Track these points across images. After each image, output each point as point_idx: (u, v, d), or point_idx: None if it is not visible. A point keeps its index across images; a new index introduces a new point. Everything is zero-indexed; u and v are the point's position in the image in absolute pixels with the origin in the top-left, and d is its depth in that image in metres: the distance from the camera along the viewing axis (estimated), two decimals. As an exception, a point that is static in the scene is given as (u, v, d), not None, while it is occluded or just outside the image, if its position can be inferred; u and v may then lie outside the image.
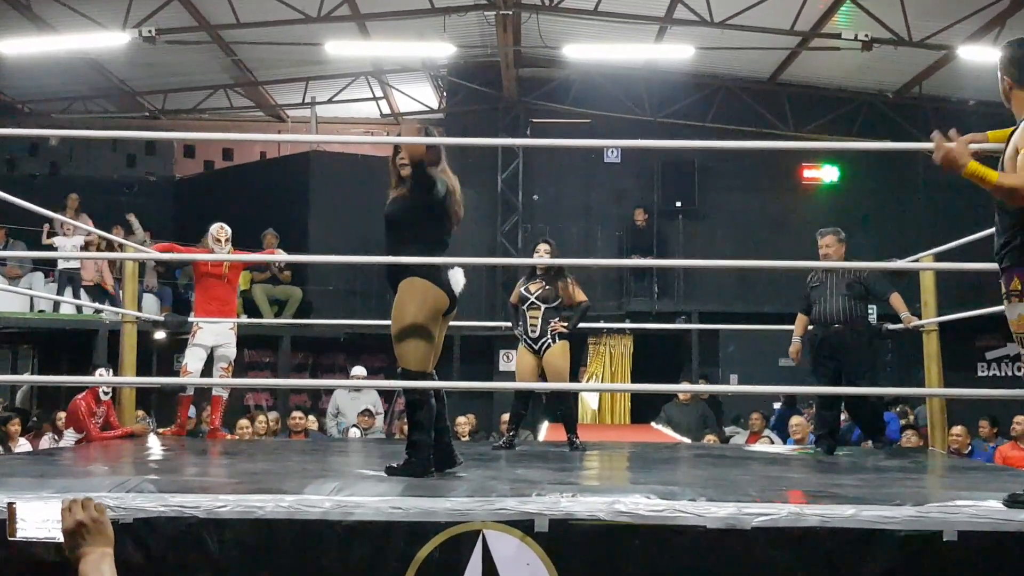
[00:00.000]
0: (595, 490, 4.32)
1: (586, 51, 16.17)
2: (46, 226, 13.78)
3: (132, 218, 14.34)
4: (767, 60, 16.49)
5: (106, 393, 8.66)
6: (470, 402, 13.80)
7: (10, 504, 2.90)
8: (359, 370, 12.94)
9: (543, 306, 7.38)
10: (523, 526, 3.74)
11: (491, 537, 3.73)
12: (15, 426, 10.68)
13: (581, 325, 7.83)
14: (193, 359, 8.35)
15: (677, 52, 15.81)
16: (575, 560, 3.74)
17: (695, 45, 15.27)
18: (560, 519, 3.77)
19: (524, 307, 7.43)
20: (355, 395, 12.09)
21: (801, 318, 7.60)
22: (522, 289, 7.48)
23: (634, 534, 3.74)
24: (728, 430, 12.53)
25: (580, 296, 7.54)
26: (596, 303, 15.66)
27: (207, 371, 8.54)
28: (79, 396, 8.77)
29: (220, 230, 8.59)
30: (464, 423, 11.27)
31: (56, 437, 10.53)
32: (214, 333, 8.41)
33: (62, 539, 2.64)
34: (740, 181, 17.08)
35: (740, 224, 16.99)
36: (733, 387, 14.45)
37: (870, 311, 7.75)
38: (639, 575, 3.74)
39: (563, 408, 7.65)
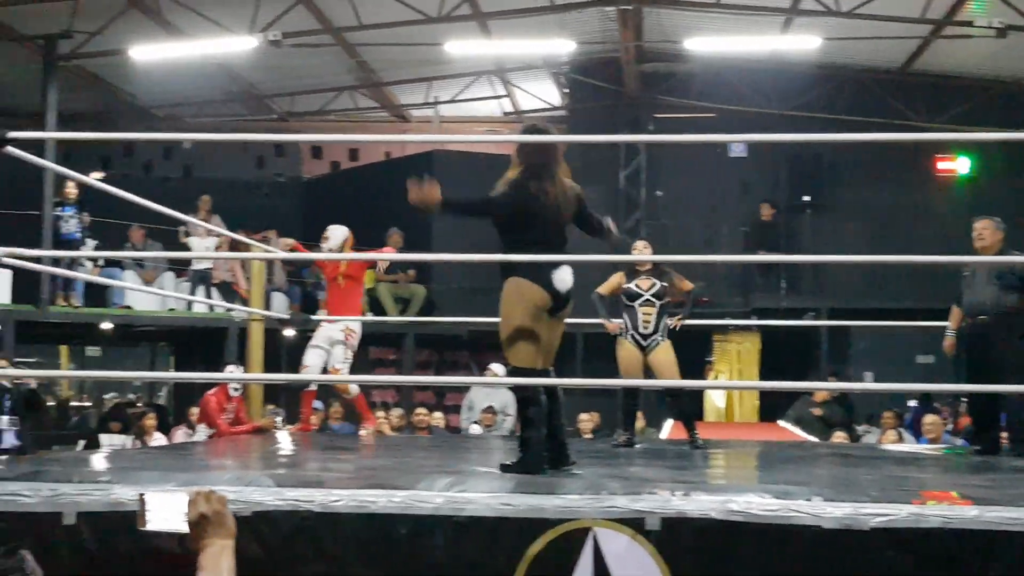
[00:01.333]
0: (709, 488, 4.25)
1: (709, 44, 15.88)
2: (182, 228, 14.19)
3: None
4: (897, 49, 15.99)
5: (236, 390, 8.89)
6: (594, 399, 13.71)
7: (141, 495, 2.97)
8: (497, 367, 12.91)
9: (658, 303, 7.32)
10: (634, 524, 3.70)
11: (601, 535, 3.71)
12: (151, 420, 11.10)
13: (704, 321, 7.75)
14: (312, 356, 8.46)
15: (803, 43, 15.44)
16: (687, 559, 3.69)
17: (822, 36, 14.89)
18: (672, 517, 3.72)
19: (637, 304, 7.34)
20: (490, 392, 12.09)
21: (955, 310, 7.24)
22: (632, 285, 7.38)
23: (747, 534, 3.68)
24: (860, 429, 12.23)
25: (687, 285, 7.51)
26: (721, 299, 15.47)
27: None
28: (210, 392, 9.04)
29: (325, 231, 8.67)
30: (587, 420, 11.23)
31: (190, 432, 10.90)
32: (330, 331, 8.50)
33: (187, 530, 2.69)
34: (870, 174, 16.56)
35: (871, 218, 16.46)
36: (859, 384, 14.02)
37: None
38: (752, 575, 3.67)
39: (680, 406, 7.60)
